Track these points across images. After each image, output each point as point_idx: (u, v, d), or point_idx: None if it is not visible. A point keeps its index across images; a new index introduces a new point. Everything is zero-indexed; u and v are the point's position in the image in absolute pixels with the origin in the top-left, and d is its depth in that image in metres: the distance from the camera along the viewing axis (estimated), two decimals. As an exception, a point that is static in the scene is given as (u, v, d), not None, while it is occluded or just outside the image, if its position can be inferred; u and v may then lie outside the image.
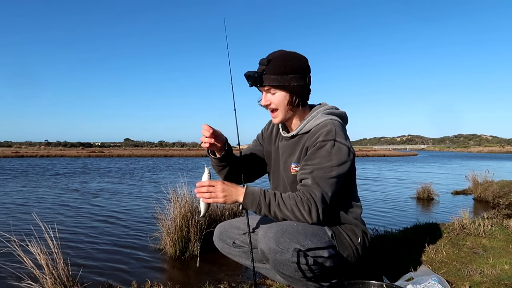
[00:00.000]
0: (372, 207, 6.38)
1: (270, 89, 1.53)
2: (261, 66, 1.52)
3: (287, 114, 1.58)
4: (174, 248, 3.29)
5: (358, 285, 1.48)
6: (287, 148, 1.67)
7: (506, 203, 6.31)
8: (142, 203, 6.91)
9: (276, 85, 1.51)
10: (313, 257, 1.40)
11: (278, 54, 1.53)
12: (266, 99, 1.55)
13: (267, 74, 1.50)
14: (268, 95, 1.55)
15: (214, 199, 1.42)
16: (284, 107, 1.55)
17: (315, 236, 1.44)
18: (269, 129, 1.83)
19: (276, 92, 1.53)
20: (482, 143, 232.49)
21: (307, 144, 1.54)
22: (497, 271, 2.04)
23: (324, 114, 1.58)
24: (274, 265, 1.39)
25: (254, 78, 1.50)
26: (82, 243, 3.97)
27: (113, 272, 3.05)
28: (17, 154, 34.98)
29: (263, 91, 1.56)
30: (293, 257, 1.35)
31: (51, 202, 7.09)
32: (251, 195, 1.43)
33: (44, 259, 2.09)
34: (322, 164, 1.44)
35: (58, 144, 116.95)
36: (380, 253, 2.42)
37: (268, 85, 1.52)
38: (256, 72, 1.51)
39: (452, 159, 36.22)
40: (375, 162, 27.15)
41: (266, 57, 1.53)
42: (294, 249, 1.36)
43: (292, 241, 1.37)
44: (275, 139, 1.77)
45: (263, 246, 1.39)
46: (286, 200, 1.43)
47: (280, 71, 1.51)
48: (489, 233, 2.92)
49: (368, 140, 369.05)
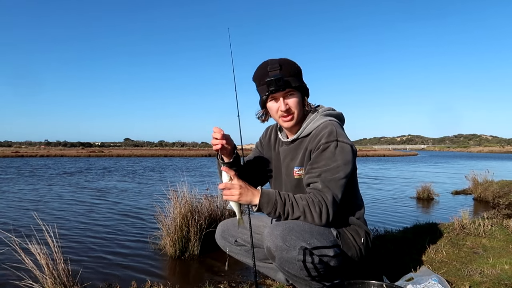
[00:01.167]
0: (372, 207, 6.38)
1: (288, 93, 1.53)
2: (275, 71, 1.50)
3: (299, 117, 1.59)
4: (174, 248, 3.29)
5: (358, 285, 1.48)
6: (288, 152, 1.68)
7: (506, 203, 6.31)
8: (142, 203, 6.91)
9: (297, 86, 1.53)
10: (318, 256, 1.40)
11: (279, 59, 1.54)
12: (285, 103, 1.53)
13: (286, 77, 1.50)
14: (286, 100, 1.54)
15: (229, 197, 1.43)
16: (300, 109, 1.57)
17: (321, 235, 1.44)
18: (267, 136, 1.84)
19: (293, 94, 1.54)
20: (482, 143, 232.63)
21: (310, 147, 1.55)
22: (497, 271, 2.04)
23: (322, 116, 1.61)
24: (279, 263, 1.39)
25: (279, 82, 1.47)
26: (82, 243, 3.97)
27: (113, 272, 3.05)
28: (17, 154, 34.99)
29: (279, 96, 1.54)
30: (299, 255, 1.35)
31: (52, 202, 7.09)
32: (267, 195, 1.43)
33: (44, 259, 2.09)
34: (329, 165, 1.45)
35: (58, 144, 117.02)
36: (380, 253, 2.42)
37: (289, 88, 1.51)
38: (279, 76, 1.48)
39: (452, 159, 36.20)
40: (375, 162, 27.15)
41: (270, 63, 1.52)
42: (300, 247, 1.35)
43: (298, 239, 1.36)
44: (274, 145, 1.79)
45: (270, 243, 1.38)
46: (299, 201, 1.44)
47: (294, 73, 1.53)
48: (489, 233, 2.92)
49: (368, 140, 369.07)
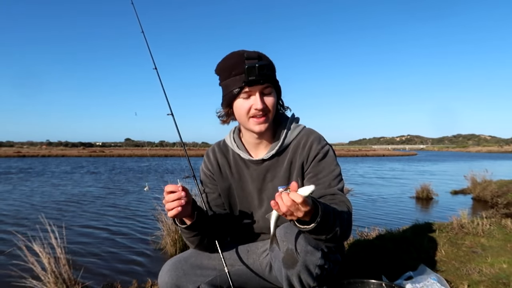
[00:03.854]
0: (371, 206, 6.39)
1: (266, 88, 1.25)
2: (253, 61, 1.20)
3: (272, 120, 1.30)
4: (174, 247, 3.31)
5: (357, 284, 1.49)
6: (264, 172, 1.35)
7: (504, 202, 6.33)
8: (143, 203, 6.92)
9: (277, 83, 1.29)
10: (331, 261, 1.22)
11: (257, 52, 1.26)
12: (262, 100, 1.24)
13: (266, 70, 1.21)
14: (263, 96, 1.25)
15: (292, 216, 0.97)
16: (274, 111, 1.29)
17: None
18: (214, 165, 1.41)
19: (271, 92, 1.26)
20: (481, 143, 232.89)
21: (299, 159, 1.31)
22: (495, 270, 2.06)
23: (294, 124, 1.39)
24: (299, 270, 1.11)
25: (262, 71, 1.19)
26: (83, 242, 3.98)
27: (114, 271, 3.07)
28: (18, 154, 34.99)
29: (256, 91, 1.23)
30: (320, 258, 1.13)
31: (52, 202, 7.10)
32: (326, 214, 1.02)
33: (47, 259, 2.10)
34: (332, 170, 1.29)
35: (59, 144, 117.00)
36: (379, 252, 2.43)
37: (269, 83, 1.24)
38: (263, 63, 1.20)
39: (451, 158, 36.23)
40: (375, 162, 27.15)
41: (246, 52, 1.25)
42: (321, 249, 1.15)
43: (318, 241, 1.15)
44: (229, 169, 1.40)
45: (292, 245, 1.12)
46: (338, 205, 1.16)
47: (273, 68, 1.28)
48: (487, 232, 2.94)
49: (368, 140, 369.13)
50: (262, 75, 1.20)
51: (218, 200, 1.42)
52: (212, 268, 1.34)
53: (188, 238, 1.29)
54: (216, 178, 1.41)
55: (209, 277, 1.33)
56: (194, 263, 1.34)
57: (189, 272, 1.32)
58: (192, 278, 1.31)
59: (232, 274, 1.31)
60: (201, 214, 1.26)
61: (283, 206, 0.93)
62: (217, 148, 1.44)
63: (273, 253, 1.17)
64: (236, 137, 1.40)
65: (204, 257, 1.36)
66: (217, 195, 1.42)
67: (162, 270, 1.32)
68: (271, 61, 1.28)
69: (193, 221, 1.21)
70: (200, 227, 1.25)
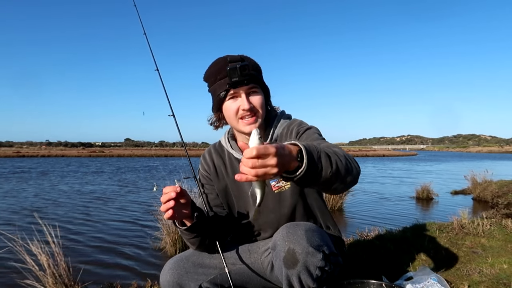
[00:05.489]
0: (372, 206, 6.39)
1: (251, 89, 1.28)
2: (235, 63, 1.23)
3: (263, 119, 1.32)
4: (174, 247, 3.31)
5: (357, 285, 1.48)
6: None
7: (505, 202, 6.32)
8: (143, 203, 6.92)
9: (262, 83, 1.32)
10: (332, 263, 1.17)
11: (240, 55, 1.31)
12: (249, 101, 1.27)
13: (250, 70, 1.25)
14: (250, 96, 1.28)
15: (265, 171, 0.80)
16: (264, 110, 1.31)
17: (329, 237, 1.24)
18: (211, 166, 1.44)
19: (257, 92, 1.29)
20: (481, 143, 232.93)
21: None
22: (496, 271, 2.05)
23: (283, 119, 1.41)
24: (298, 271, 1.10)
25: (244, 71, 1.22)
26: (82, 242, 3.98)
27: (114, 271, 3.06)
28: (18, 154, 35.00)
29: (241, 93, 1.26)
30: (322, 260, 1.10)
31: (53, 202, 7.10)
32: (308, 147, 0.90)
33: (46, 259, 2.10)
34: (315, 136, 1.26)
35: (59, 144, 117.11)
36: (380, 252, 2.43)
37: (254, 83, 1.27)
38: (245, 63, 1.22)
39: (451, 159, 36.22)
40: (375, 162, 27.16)
41: (229, 56, 1.28)
42: (323, 251, 1.13)
43: (321, 241, 1.15)
44: (225, 169, 1.42)
45: (294, 245, 1.10)
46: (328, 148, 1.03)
47: (257, 69, 1.32)
48: (488, 233, 2.93)
49: (368, 140, 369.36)
50: (245, 75, 1.22)
51: (216, 201, 1.43)
52: (213, 266, 1.34)
53: (188, 239, 1.30)
54: (213, 178, 1.43)
55: (210, 275, 1.34)
56: (195, 262, 1.36)
57: (190, 270, 1.33)
58: (193, 276, 1.32)
59: (233, 273, 1.31)
60: (200, 215, 1.26)
61: (246, 169, 0.80)
62: (213, 149, 1.47)
63: (275, 252, 1.16)
64: (230, 137, 1.43)
65: (205, 256, 1.37)
66: (215, 195, 1.43)
67: (164, 268, 1.33)
68: (254, 62, 1.31)
69: (192, 222, 1.22)
70: (200, 228, 1.26)
